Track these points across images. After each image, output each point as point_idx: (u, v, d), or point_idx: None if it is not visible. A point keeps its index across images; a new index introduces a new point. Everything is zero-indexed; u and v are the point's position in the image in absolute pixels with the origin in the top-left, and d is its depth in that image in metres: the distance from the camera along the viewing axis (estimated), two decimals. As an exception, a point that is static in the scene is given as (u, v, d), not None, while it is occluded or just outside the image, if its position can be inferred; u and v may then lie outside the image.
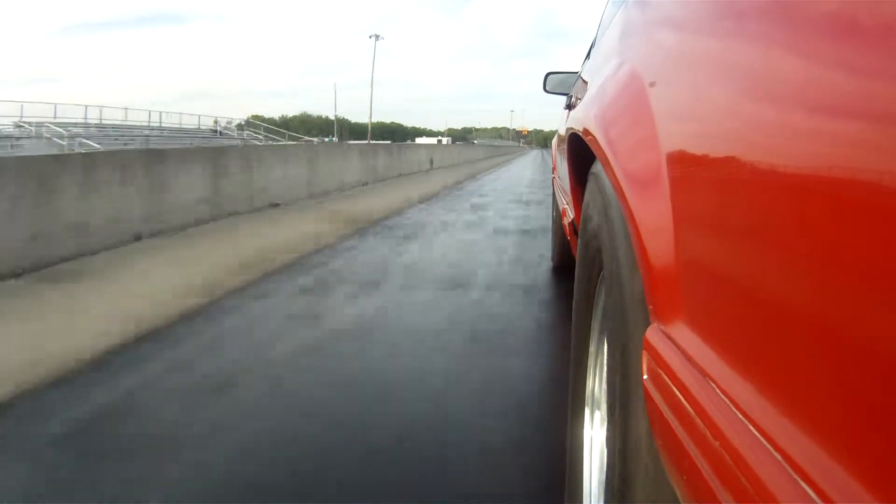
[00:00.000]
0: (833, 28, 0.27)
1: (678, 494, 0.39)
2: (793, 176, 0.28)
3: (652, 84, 0.56)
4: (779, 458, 0.26)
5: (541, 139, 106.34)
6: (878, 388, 0.22)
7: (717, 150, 0.38)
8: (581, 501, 0.79)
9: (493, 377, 1.74)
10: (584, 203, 0.93)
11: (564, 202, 1.93)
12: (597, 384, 0.85)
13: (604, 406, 0.82)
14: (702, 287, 0.39)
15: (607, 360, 0.68)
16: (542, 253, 3.56)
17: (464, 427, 1.44)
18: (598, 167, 0.82)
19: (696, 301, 0.39)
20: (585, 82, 1.24)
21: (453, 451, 1.33)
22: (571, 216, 1.50)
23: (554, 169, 3.13)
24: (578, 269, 0.91)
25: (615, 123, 0.67)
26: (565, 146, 1.47)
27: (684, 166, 0.43)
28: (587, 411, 0.86)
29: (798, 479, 0.24)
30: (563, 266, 2.89)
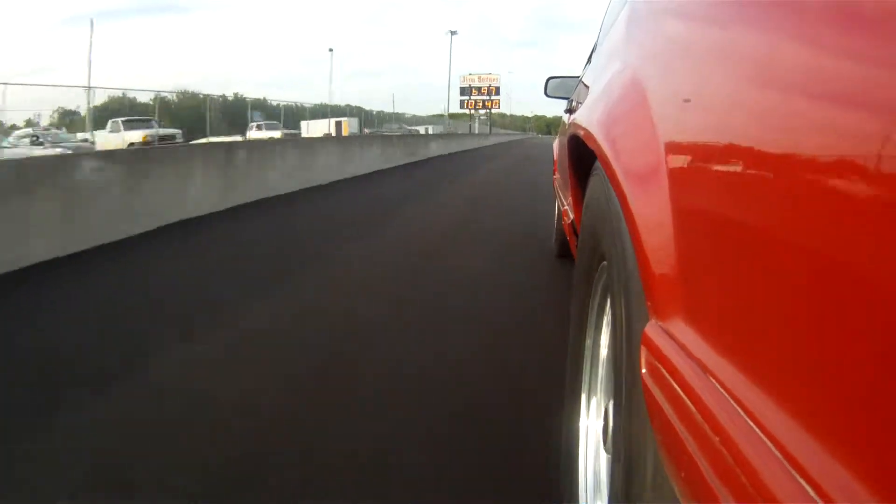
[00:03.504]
0: (835, 34, 0.27)
1: (676, 490, 0.38)
2: (790, 177, 0.28)
3: (652, 86, 0.57)
4: (777, 453, 0.26)
5: (542, 126, 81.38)
6: (877, 384, 0.21)
7: (715, 151, 0.38)
8: (578, 501, 0.80)
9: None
10: (584, 203, 0.93)
11: (565, 203, 1.93)
12: (593, 381, 0.86)
13: (601, 401, 0.82)
14: (700, 284, 0.39)
15: (611, 355, 0.69)
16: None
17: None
18: (599, 167, 0.83)
19: (694, 297, 0.40)
20: (587, 86, 1.24)
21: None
22: (572, 217, 1.51)
23: (555, 170, 3.13)
24: (577, 268, 0.92)
25: (616, 124, 0.68)
26: (566, 149, 1.48)
27: (683, 166, 0.44)
28: (583, 408, 0.86)
29: (796, 474, 0.24)
30: (568, 256, 2.89)
